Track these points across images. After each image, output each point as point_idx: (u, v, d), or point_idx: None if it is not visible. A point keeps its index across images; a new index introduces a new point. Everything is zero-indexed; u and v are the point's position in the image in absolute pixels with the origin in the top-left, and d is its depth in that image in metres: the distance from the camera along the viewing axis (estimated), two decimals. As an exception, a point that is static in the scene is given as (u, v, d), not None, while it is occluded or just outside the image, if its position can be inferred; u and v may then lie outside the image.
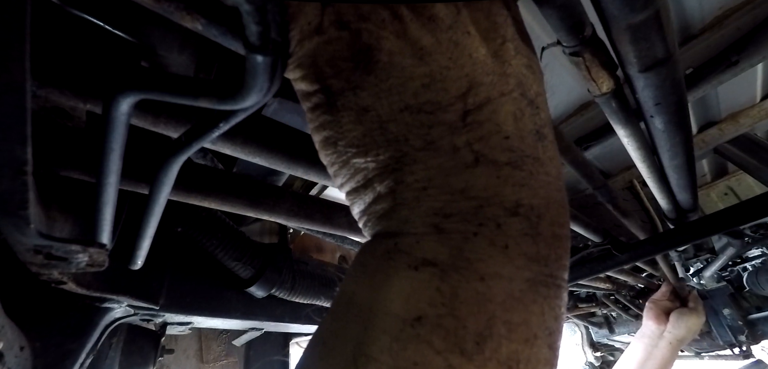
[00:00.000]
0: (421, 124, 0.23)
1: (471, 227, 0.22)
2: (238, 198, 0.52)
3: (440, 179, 0.23)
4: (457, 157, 0.23)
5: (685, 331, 1.33)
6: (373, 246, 0.25)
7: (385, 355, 0.20)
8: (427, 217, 0.23)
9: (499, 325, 0.21)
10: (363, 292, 0.23)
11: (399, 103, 0.24)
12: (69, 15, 0.40)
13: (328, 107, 0.26)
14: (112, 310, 0.68)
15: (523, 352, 0.21)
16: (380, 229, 0.25)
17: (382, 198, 0.25)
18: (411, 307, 0.21)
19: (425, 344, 0.20)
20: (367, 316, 0.22)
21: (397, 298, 0.22)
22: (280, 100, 0.63)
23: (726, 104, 1.00)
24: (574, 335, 2.71)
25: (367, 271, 0.24)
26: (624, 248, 1.06)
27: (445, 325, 0.20)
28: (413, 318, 0.21)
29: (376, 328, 0.21)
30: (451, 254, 0.22)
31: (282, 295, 0.94)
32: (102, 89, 0.36)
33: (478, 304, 0.21)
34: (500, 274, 0.22)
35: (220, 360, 1.16)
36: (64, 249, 0.38)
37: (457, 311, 0.20)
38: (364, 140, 0.25)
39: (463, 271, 0.21)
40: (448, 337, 0.20)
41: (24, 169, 0.27)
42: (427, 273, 0.22)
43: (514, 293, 0.22)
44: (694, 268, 1.74)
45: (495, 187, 0.23)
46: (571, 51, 0.44)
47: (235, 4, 0.20)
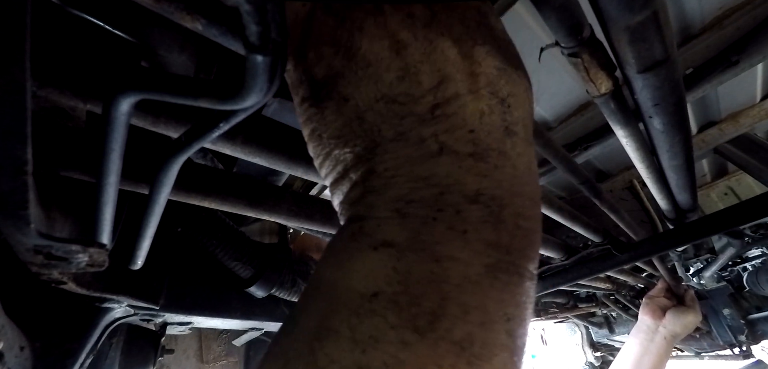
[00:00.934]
0: (394, 114, 0.25)
1: (430, 212, 0.23)
2: (238, 198, 0.52)
3: (407, 168, 0.25)
4: (424, 147, 0.24)
5: (681, 327, 1.35)
6: (342, 230, 0.27)
7: (344, 327, 0.21)
8: (391, 203, 0.24)
9: (453, 306, 0.21)
10: (329, 272, 0.25)
11: (375, 92, 0.25)
12: (69, 15, 0.40)
13: (313, 100, 0.28)
14: (112, 310, 0.68)
15: (477, 334, 0.21)
16: (350, 215, 0.27)
17: (356, 186, 0.27)
18: (369, 283, 0.22)
19: (380, 319, 0.21)
20: (331, 292, 0.24)
21: (357, 275, 0.23)
22: (280, 100, 0.63)
23: (726, 104, 1.00)
24: (574, 335, 2.71)
25: (334, 252, 0.26)
26: (624, 248, 1.06)
27: (400, 301, 0.21)
28: (371, 294, 0.22)
29: (338, 302, 0.23)
30: (408, 237, 0.23)
31: (282, 295, 0.94)
32: (102, 89, 0.36)
33: (432, 283, 0.22)
34: (457, 257, 0.22)
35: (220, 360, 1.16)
36: (64, 249, 0.38)
37: (411, 289, 0.22)
38: (343, 131, 0.26)
39: (419, 252, 0.22)
40: (401, 313, 0.21)
41: (24, 169, 0.27)
42: (385, 253, 0.23)
43: (471, 277, 0.22)
44: (694, 268, 1.74)
45: (456, 176, 0.24)
46: (569, 52, 0.44)
47: (235, 4, 0.21)
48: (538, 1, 0.39)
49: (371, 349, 0.20)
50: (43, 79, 0.34)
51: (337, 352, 0.21)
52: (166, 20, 0.30)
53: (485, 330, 0.22)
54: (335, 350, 0.21)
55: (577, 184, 0.77)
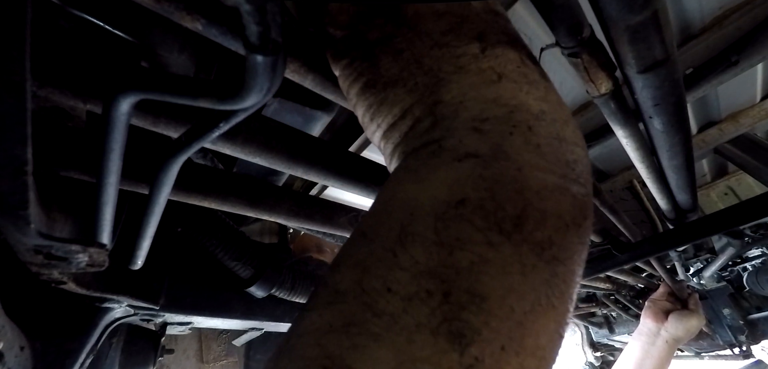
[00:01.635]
0: (450, 55, 0.28)
1: (507, 127, 0.25)
2: (238, 198, 0.52)
3: (474, 92, 0.27)
4: (484, 75, 0.27)
5: (683, 332, 1.33)
6: (415, 154, 0.28)
7: (430, 232, 0.22)
8: (467, 123, 0.26)
9: (534, 211, 0.23)
10: (406, 188, 0.26)
11: (429, 42, 0.29)
12: (69, 15, 0.40)
13: (367, 55, 0.31)
14: (112, 310, 0.68)
15: (555, 237, 0.23)
16: (420, 143, 0.28)
17: (423, 119, 0.28)
18: (455, 191, 0.23)
19: (467, 223, 0.22)
20: (412, 204, 0.24)
21: (442, 184, 0.24)
22: (280, 100, 0.64)
23: (726, 104, 1.00)
24: (574, 335, 2.71)
25: (409, 170, 0.27)
26: (624, 248, 1.06)
27: (486, 206, 0.23)
28: (457, 200, 0.23)
29: (422, 211, 0.23)
30: (491, 147, 0.25)
31: (282, 295, 0.94)
32: (102, 89, 0.36)
33: (516, 191, 0.23)
34: (536, 165, 0.24)
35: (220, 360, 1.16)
36: (64, 249, 0.38)
37: (497, 195, 0.23)
38: (402, 74, 0.29)
39: (502, 162, 0.24)
40: (488, 217, 0.22)
41: (24, 169, 0.27)
42: (471, 162, 0.24)
43: (548, 185, 0.24)
44: (694, 268, 1.74)
45: (520, 98, 0.27)
46: (569, 52, 0.44)
47: (235, 4, 0.21)
48: (538, 1, 0.39)
49: (458, 250, 0.21)
50: (43, 79, 0.34)
51: (422, 255, 0.21)
52: (166, 20, 0.30)
53: (562, 235, 0.24)
54: (420, 253, 0.22)
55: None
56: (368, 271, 0.22)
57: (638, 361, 1.34)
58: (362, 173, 0.55)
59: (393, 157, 0.31)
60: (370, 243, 0.24)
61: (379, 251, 0.23)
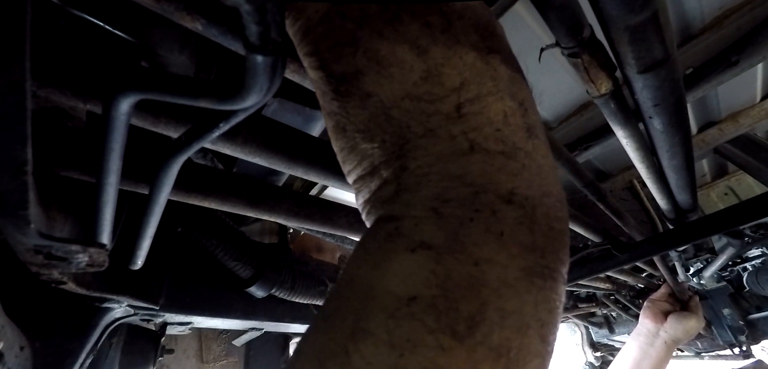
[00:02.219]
0: (421, 111, 0.25)
1: (467, 212, 0.23)
2: (238, 198, 0.52)
3: (440, 165, 0.24)
4: (454, 144, 0.25)
5: (682, 333, 1.33)
6: (375, 229, 0.26)
7: (381, 331, 0.21)
8: (427, 202, 0.24)
9: (491, 311, 0.21)
10: (364, 272, 0.24)
11: (400, 90, 0.25)
12: (69, 15, 0.40)
13: (336, 94, 0.27)
14: (112, 310, 0.68)
15: (514, 340, 0.21)
16: (383, 213, 0.26)
17: (387, 184, 0.26)
18: (407, 286, 0.22)
19: (419, 323, 0.21)
20: (366, 293, 0.23)
21: (394, 277, 0.23)
22: (280, 100, 0.64)
23: (726, 104, 1.00)
24: (574, 335, 2.71)
25: (368, 252, 0.25)
26: (624, 248, 1.06)
27: (439, 305, 0.21)
28: (409, 297, 0.22)
29: (375, 305, 0.22)
30: (446, 238, 0.23)
31: (282, 295, 0.94)
32: (102, 89, 0.36)
33: (471, 288, 0.22)
34: (494, 260, 0.22)
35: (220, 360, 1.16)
36: (64, 249, 0.38)
37: (450, 293, 0.21)
38: (370, 125, 0.26)
39: (457, 255, 0.22)
40: (440, 318, 0.21)
41: (24, 169, 0.27)
42: (424, 255, 0.23)
43: (509, 280, 0.22)
44: (694, 268, 1.74)
45: (489, 174, 0.24)
46: (569, 52, 0.44)
47: (235, 4, 0.21)
48: (538, 1, 0.39)
49: (409, 353, 0.20)
50: (43, 79, 0.34)
51: (373, 355, 0.21)
52: (167, 20, 0.30)
53: (521, 336, 0.22)
54: (372, 353, 0.21)
55: (581, 186, 0.77)
56: (323, 366, 0.22)
57: (636, 361, 1.33)
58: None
59: (364, 212, 0.30)
60: (327, 333, 0.23)
61: (333, 346, 0.22)
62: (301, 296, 0.97)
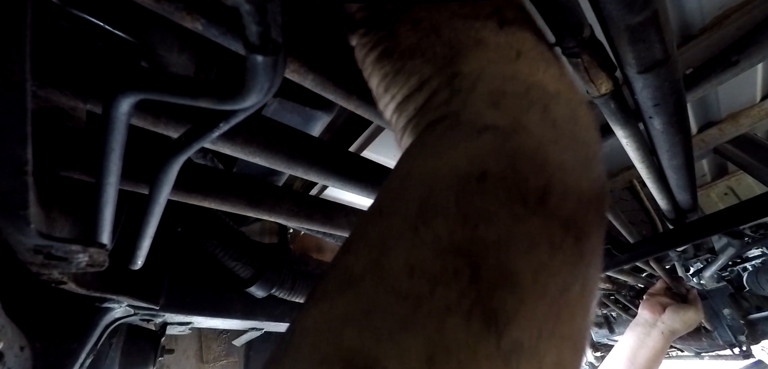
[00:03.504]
0: (469, 27, 0.28)
1: (524, 103, 0.25)
2: (238, 198, 0.52)
3: (492, 68, 0.27)
4: (503, 51, 0.28)
5: (680, 324, 1.33)
6: (431, 128, 0.27)
7: (452, 206, 0.21)
8: (484, 96, 0.26)
9: (557, 185, 0.22)
10: (424, 162, 0.24)
11: (447, 12, 0.29)
12: (69, 15, 0.40)
13: (384, 24, 0.30)
14: (112, 310, 0.68)
15: (579, 213, 0.22)
16: (437, 115, 0.27)
17: (440, 91, 0.28)
18: (475, 164, 0.22)
19: (492, 196, 0.21)
20: (431, 178, 0.23)
21: (461, 157, 0.23)
22: (280, 100, 0.63)
23: (726, 104, 1.00)
24: (574, 335, 2.71)
25: (425, 145, 0.26)
26: (624, 248, 1.06)
27: (509, 179, 0.22)
28: (478, 173, 0.22)
29: (442, 184, 0.22)
30: (511, 121, 0.24)
31: (282, 295, 0.94)
32: (102, 89, 0.36)
33: (537, 163, 0.22)
34: (555, 141, 0.24)
35: (220, 360, 1.16)
36: (64, 249, 0.38)
37: (519, 168, 0.22)
38: (420, 43, 0.29)
39: (522, 135, 0.23)
40: (511, 191, 0.21)
41: (24, 169, 0.27)
42: (490, 135, 0.23)
43: (567, 162, 0.23)
44: (694, 268, 1.74)
45: (537, 76, 0.27)
46: (569, 52, 0.44)
47: (235, 4, 0.21)
48: (538, 1, 0.39)
49: (484, 225, 0.20)
50: (43, 79, 0.34)
51: (446, 230, 0.20)
52: (166, 20, 0.30)
53: (583, 212, 0.23)
54: (444, 228, 0.20)
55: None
56: (387, 250, 0.20)
57: (633, 351, 1.34)
58: (362, 173, 0.55)
59: (406, 132, 0.30)
60: (388, 219, 0.22)
61: (399, 228, 0.21)
62: (301, 296, 0.97)
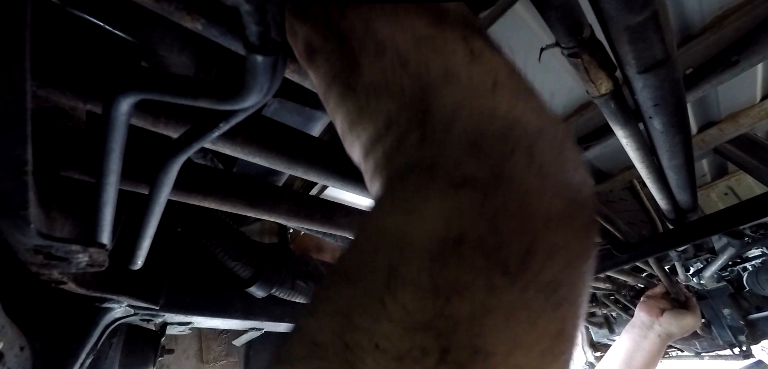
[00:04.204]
0: (438, 55, 0.25)
1: (506, 148, 0.22)
2: (238, 198, 0.52)
3: (468, 102, 0.24)
4: (477, 82, 0.25)
5: (677, 328, 1.33)
6: (402, 176, 0.25)
7: (424, 276, 0.19)
8: (462, 139, 0.23)
9: (542, 245, 0.20)
10: (395, 220, 0.22)
11: (413, 33, 0.26)
12: (69, 15, 0.40)
13: (343, 51, 0.27)
14: (112, 310, 0.68)
15: (564, 275, 0.21)
16: (409, 160, 0.25)
17: (410, 132, 0.25)
18: (452, 226, 0.20)
19: (467, 264, 0.19)
20: (401, 240, 0.21)
21: (436, 217, 0.21)
22: (280, 100, 0.64)
23: (726, 104, 1.00)
24: (574, 335, 2.71)
25: (397, 199, 0.24)
26: (624, 248, 1.06)
27: (488, 243, 0.20)
28: (454, 237, 0.20)
29: (413, 250, 0.20)
30: (492, 173, 0.21)
31: (282, 295, 0.94)
32: (102, 89, 0.36)
33: (521, 222, 0.20)
34: (541, 190, 0.21)
35: (220, 360, 1.16)
36: (64, 249, 0.38)
37: (500, 229, 0.20)
38: (385, 76, 0.26)
39: (505, 189, 0.21)
40: (491, 256, 0.19)
41: (24, 169, 0.27)
42: (470, 191, 0.21)
43: (555, 214, 0.21)
44: (694, 268, 1.74)
45: (518, 110, 0.24)
46: (569, 52, 0.44)
47: (235, 4, 0.21)
48: (538, 1, 0.39)
49: (456, 297, 0.18)
50: (43, 79, 0.34)
51: (415, 303, 0.18)
52: (166, 20, 0.30)
53: (569, 271, 0.21)
54: (413, 301, 0.18)
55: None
56: (351, 322, 0.19)
57: (629, 353, 1.33)
58: (362, 173, 0.55)
59: (375, 178, 0.28)
60: (353, 286, 0.21)
61: (364, 298, 0.20)
62: (301, 296, 0.97)
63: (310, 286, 0.98)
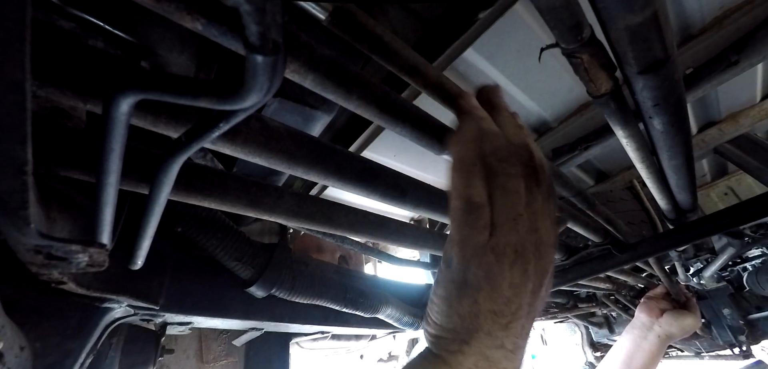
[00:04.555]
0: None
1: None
2: (238, 198, 0.52)
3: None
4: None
5: (677, 329, 1.33)
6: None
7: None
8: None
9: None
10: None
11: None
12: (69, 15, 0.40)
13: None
14: (112, 310, 0.68)
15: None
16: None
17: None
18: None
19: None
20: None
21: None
22: (280, 100, 0.63)
23: (726, 104, 1.00)
24: (574, 335, 2.71)
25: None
26: (624, 248, 1.06)
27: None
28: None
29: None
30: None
31: (282, 295, 0.94)
32: (102, 89, 0.36)
33: None
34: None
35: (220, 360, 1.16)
36: (64, 249, 0.38)
37: None
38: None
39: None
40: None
41: (24, 169, 0.27)
42: None
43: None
44: (694, 268, 1.74)
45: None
46: (569, 52, 0.44)
47: (235, 4, 0.21)
48: (538, 1, 0.39)
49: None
50: (43, 79, 0.34)
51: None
52: (167, 20, 0.30)
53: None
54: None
55: (570, 196, 0.77)
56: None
57: (629, 354, 1.33)
58: (362, 173, 0.55)
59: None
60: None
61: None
62: (301, 296, 0.97)
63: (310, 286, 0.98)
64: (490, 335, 0.35)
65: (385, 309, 1.14)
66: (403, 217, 1.34)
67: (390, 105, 0.45)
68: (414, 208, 0.63)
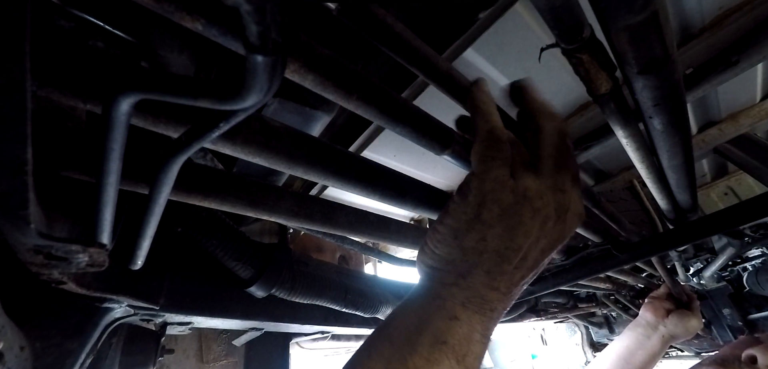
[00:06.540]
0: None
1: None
2: (238, 198, 0.52)
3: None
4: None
5: (682, 330, 1.33)
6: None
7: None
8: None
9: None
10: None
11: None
12: (69, 15, 0.40)
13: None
14: (112, 310, 0.68)
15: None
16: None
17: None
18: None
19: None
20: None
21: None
22: (280, 100, 0.63)
23: (726, 104, 1.00)
24: (574, 335, 2.72)
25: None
26: (624, 248, 1.06)
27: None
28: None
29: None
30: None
31: (282, 295, 0.94)
32: (102, 89, 0.36)
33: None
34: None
35: (220, 360, 1.16)
36: (64, 249, 0.38)
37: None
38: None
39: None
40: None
41: (24, 169, 0.27)
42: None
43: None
44: (694, 268, 1.74)
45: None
46: (569, 52, 0.44)
47: (235, 4, 0.20)
48: (538, 1, 0.39)
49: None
50: (43, 79, 0.34)
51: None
52: (166, 20, 0.30)
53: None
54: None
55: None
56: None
57: (630, 351, 1.33)
58: (362, 173, 0.55)
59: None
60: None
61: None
62: (301, 296, 0.97)
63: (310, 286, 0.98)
64: (489, 274, 0.34)
65: (385, 309, 1.14)
66: (403, 217, 1.34)
67: (390, 105, 0.45)
68: (414, 208, 0.63)
